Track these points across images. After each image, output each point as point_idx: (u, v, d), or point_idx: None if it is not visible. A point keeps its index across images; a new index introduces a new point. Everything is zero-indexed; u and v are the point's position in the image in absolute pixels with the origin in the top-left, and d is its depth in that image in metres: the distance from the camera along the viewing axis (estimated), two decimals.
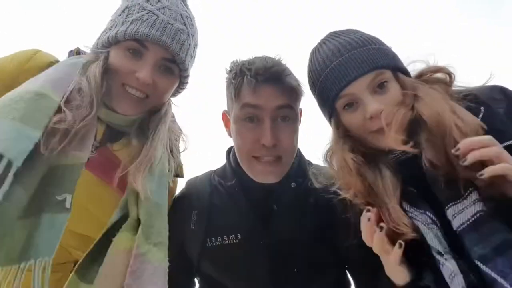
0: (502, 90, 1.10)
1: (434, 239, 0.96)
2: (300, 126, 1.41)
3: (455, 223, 0.93)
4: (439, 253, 0.94)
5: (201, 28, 1.35)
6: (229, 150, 1.52)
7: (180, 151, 1.46)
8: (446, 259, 0.93)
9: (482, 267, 0.87)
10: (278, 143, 1.27)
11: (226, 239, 1.36)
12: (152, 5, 1.19)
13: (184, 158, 1.47)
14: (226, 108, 1.45)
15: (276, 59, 1.35)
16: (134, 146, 1.27)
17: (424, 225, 0.99)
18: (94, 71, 1.16)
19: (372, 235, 0.99)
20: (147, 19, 1.16)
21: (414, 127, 1.05)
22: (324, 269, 1.35)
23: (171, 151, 1.38)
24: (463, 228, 0.91)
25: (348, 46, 1.11)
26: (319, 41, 1.23)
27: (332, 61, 1.11)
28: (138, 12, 1.18)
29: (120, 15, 1.21)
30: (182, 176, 1.45)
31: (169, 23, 1.18)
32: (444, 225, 0.99)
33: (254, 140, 1.28)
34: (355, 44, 1.11)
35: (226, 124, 1.45)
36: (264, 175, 1.33)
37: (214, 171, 1.56)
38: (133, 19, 1.16)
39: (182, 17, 1.23)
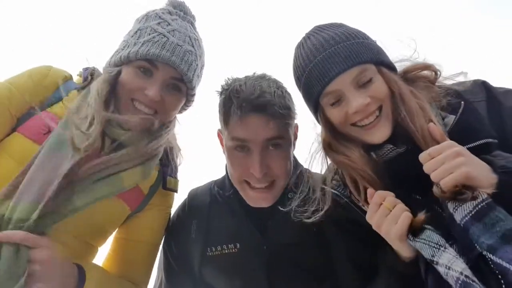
0: (482, 83, 1.15)
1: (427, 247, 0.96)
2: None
3: (458, 216, 0.91)
4: (432, 255, 0.93)
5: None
6: None
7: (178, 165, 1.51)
8: (438, 258, 0.92)
9: (492, 257, 0.84)
10: (269, 171, 1.29)
11: (226, 248, 1.39)
12: (163, 28, 1.29)
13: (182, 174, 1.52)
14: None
15: (264, 82, 1.31)
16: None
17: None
18: (99, 87, 1.24)
19: (374, 213, 1.02)
20: (158, 40, 1.24)
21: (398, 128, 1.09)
22: (322, 277, 1.35)
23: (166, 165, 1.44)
24: (466, 220, 0.89)
25: (331, 41, 1.11)
26: (303, 35, 1.23)
27: (316, 56, 1.11)
28: (149, 34, 1.26)
29: (132, 36, 1.30)
30: (176, 191, 1.48)
31: (179, 45, 1.27)
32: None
33: (245, 169, 1.30)
34: (338, 38, 1.11)
35: (221, 143, 1.46)
36: (256, 201, 1.35)
37: (215, 181, 1.58)
38: (145, 40, 1.25)
39: (190, 39, 1.33)
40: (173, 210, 1.55)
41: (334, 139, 1.16)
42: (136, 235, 1.38)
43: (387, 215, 0.99)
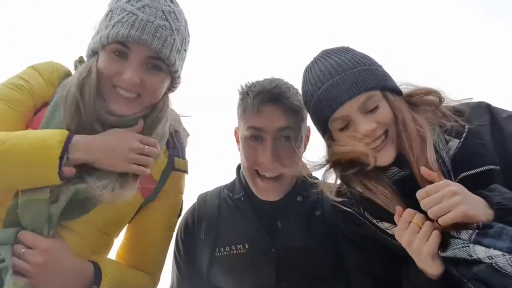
0: (487, 106, 1.17)
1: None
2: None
3: (464, 236, 0.95)
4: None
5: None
6: (239, 166, 1.57)
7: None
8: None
9: None
10: (279, 161, 1.34)
11: (234, 249, 1.42)
12: (132, 6, 1.19)
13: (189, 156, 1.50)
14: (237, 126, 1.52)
15: (280, 80, 1.41)
16: None
17: None
18: (80, 75, 1.20)
19: (404, 230, 1.02)
20: (127, 20, 1.16)
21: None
22: (330, 281, 1.39)
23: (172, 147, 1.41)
24: (474, 237, 0.93)
25: (338, 68, 1.14)
26: (312, 59, 1.27)
27: (324, 83, 1.14)
28: (119, 15, 1.18)
29: (104, 19, 1.23)
30: (186, 172, 1.46)
31: (149, 21, 1.17)
32: None
33: (256, 157, 1.36)
34: (345, 66, 1.14)
35: (237, 141, 1.51)
36: (265, 192, 1.40)
37: (225, 185, 1.62)
38: (114, 22, 1.18)
39: (163, 13, 1.21)
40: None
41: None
42: (150, 225, 1.39)
43: (418, 233, 1.00)
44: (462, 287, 0.96)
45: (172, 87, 1.36)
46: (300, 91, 1.32)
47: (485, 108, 1.16)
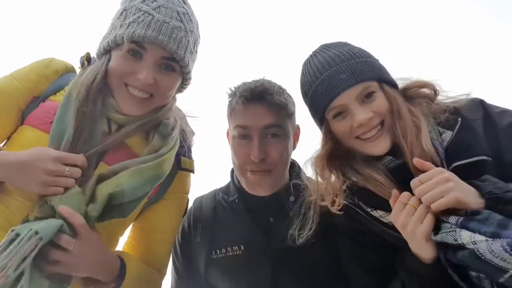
0: (480, 101, 1.20)
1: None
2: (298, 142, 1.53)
3: (452, 221, 0.97)
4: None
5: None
6: (233, 169, 1.58)
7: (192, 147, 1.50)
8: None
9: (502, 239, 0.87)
10: (267, 157, 1.38)
11: (230, 250, 1.44)
12: (147, 5, 1.20)
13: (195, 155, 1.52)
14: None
15: (265, 80, 1.46)
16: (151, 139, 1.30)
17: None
18: (93, 75, 1.21)
19: (400, 211, 1.04)
20: (143, 20, 1.17)
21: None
22: (327, 279, 1.39)
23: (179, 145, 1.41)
24: (461, 221, 0.94)
25: (337, 59, 1.18)
26: (310, 53, 1.29)
27: (322, 73, 1.18)
28: (134, 14, 1.19)
29: (118, 18, 1.23)
30: (192, 171, 1.47)
31: (165, 22, 1.19)
32: None
33: (245, 155, 1.39)
34: (343, 57, 1.18)
35: (229, 140, 1.53)
36: (255, 186, 1.43)
37: (220, 188, 1.65)
38: (130, 22, 1.18)
39: (178, 14, 1.23)
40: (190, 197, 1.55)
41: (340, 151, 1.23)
42: (155, 226, 1.40)
43: (413, 214, 1.02)
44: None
45: (182, 88, 1.38)
46: (293, 92, 1.36)
47: (479, 104, 1.19)
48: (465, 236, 0.91)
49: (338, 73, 1.15)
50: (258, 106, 1.38)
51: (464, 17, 3.41)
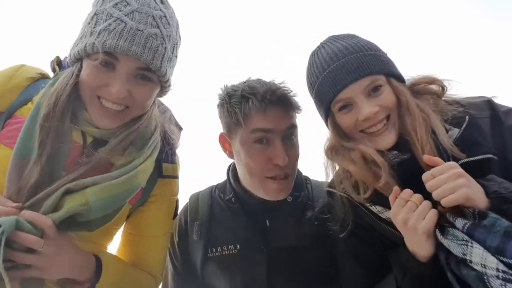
0: (488, 100, 1.19)
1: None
2: None
3: (459, 224, 0.95)
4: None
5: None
6: (230, 167, 1.56)
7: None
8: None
9: (504, 259, 0.86)
10: (289, 160, 1.34)
11: (226, 249, 1.43)
12: (120, 10, 1.09)
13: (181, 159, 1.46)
14: (222, 131, 1.47)
15: (272, 82, 1.41)
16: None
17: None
18: (62, 85, 1.13)
19: (400, 207, 1.02)
20: (114, 28, 1.07)
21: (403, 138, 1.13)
22: (322, 279, 1.39)
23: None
24: (468, 227, 0.93)
25: (345, 51, 1.15)
26: (318, 44, 1.27)
27: (330, 65, 1.15)
28: (105, 21, 1.09)
29: (89, 23, 1.13)
30: (176, 177, 1.40)
31: (139, 30, 1.09)
32: None
33: (266, 160, 1.33)
34: (351, 49, 1.15)
35: (225, 147, 1.48)
36: (277, 193, 1.38)
37: (216, 185, 1.61)
38: (100, 29, 1.08)
39: (154, 19, 1.12)
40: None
41: (342, 142, 1.20)
42: (144, 230, 1.35)
43: (415, 210, 1.00)
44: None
45: (161, 94, 1.30)
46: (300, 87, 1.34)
47: (486, 102, 1.18)
48: (475, 255, 0.89)
49: (346, 65, 1.13)
50: (281, 108, 1.36)
51: (456, 15, 3.47)
